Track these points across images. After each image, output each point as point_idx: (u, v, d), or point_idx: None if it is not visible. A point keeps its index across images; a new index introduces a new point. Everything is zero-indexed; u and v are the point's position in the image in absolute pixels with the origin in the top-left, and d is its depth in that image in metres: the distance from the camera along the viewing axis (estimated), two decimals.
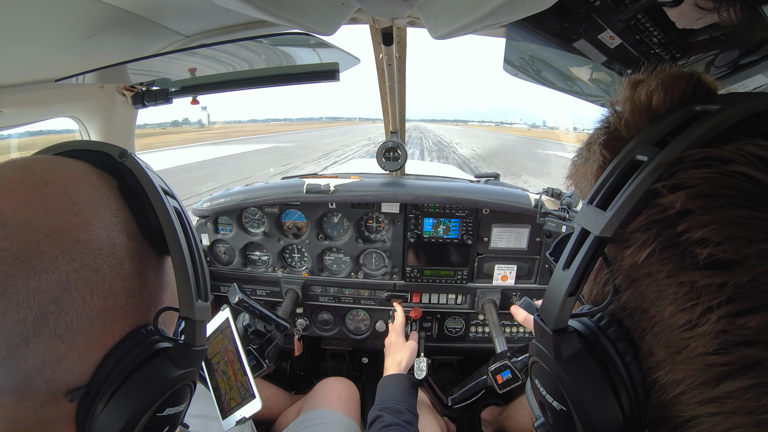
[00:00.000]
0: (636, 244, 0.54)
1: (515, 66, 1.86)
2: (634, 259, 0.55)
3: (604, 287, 0.66)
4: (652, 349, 0.56)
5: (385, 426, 1.74)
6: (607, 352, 0.59)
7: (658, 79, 0.61)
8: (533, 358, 0.69)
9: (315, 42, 1.33)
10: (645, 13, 1.29)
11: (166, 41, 1.47)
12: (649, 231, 0.53)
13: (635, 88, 0.63)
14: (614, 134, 0.64)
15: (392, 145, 2.54)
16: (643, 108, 0.61)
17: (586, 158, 0.69)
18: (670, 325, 0.52)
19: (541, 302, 0.65)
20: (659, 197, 0.52)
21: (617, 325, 0.61)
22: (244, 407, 1.88)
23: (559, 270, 0.62)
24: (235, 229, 2.81)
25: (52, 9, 1.00)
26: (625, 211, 0.54)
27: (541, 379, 0.67)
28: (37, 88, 1.34)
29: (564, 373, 0.60)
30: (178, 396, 0.73)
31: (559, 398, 0.62)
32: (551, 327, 0.61)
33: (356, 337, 3.03)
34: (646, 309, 0.56)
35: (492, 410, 2.94)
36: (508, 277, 2.78)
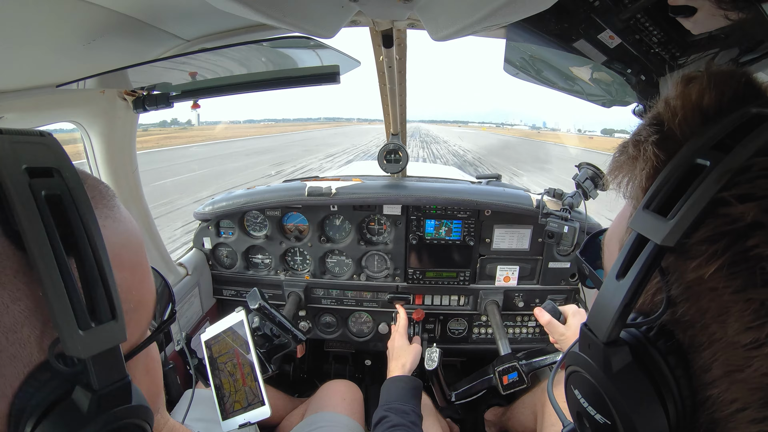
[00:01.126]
0: (702, 256, 0.51)
1: (516, 66, 1.87)
2: (699, 273, 0.51)
3: (653, 296, 0.61)
4: (709, 365, 0.53)
5: (390, 426, 1.74)
6: (658, 365, 0.56)
7: (709, 77, 0.57)
8: (573, 367, 0.67)
9: (315, 44, 1.33)
10: (644, 12, 1.29)
11: (166, 46, 1.47)
12: (716, 243, 0.50)
13: (688, 84, 0.59)
14: (668, 133, 0.60)
15: (393, 147, 2.54)
16: (695, 107, 0.58)
17: (633, 157, 0.64)
18: (734, 342, 0.50)
19: (590, 311, 0.62)
20: (726, 207, 0.49)
21: (668, 337, 0.58)
22: (250, 412, 1.87)
23: (612, 279, 0.59)
24: (237, 233, 2.81)
25: (52, 14, 1.00)
26: (689, 220, 0.51)
27: (583, 391, 0.65)
28: (38, 93, 1.35)
29: (613, 387, 0.58)
30: None
31: (604, 412, 0.60)
32: (603, 339, 0.58)
33: (359, 339, 3.03)
34: (706, 324, 0.53)
35: (495, 411, 2.94)
36: (511, 278, 2.78)
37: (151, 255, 2.26)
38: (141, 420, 0.65)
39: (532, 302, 2.83)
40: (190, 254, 2.82)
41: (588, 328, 0.62)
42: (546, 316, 2.04)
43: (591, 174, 2.35)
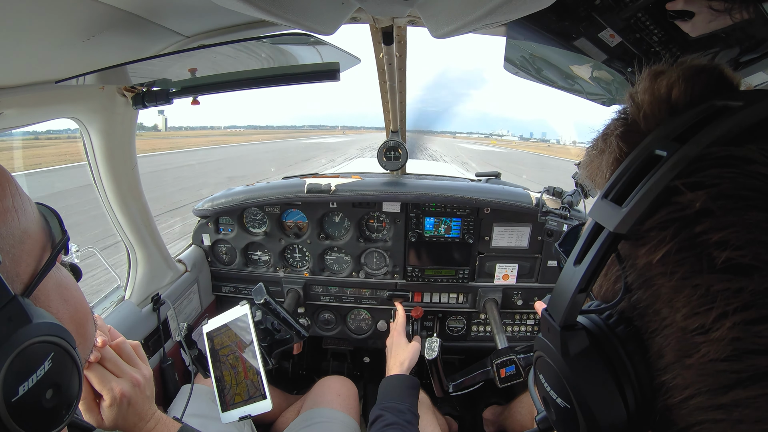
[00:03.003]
0: (652, 242, 0.52)
1: (516, 65, 1.86)
2: (649, 258, 0.53)
3: (614, 284, 0.63)
4: (662, 351, 0.55)
5: (386, 425, 1.74)
6: (616, 351, 0.57)
7: (679, 71, 0.58)
8: (538, 352, 0.68)
9: (315, 41, 1.33)
10: (645, 11, 1.29)
11: (166, 42, 1.47)
12: (666, 230, 0.51)
13: (656, 79, 0.60)
14: (632, 126, 0.61)
15: (393, 145, 2.54)
16: (662, 100, 0.58)
17: (601, 149, 0.66)
18: (682, 328, 0.51)
19: (550, 297, 0.64)
20: (678, 195, 0.50)
21: (626, 323, 0.59)
22: (250, 405, 1.89)
23: (570, 265, 0.60)
24: (237, 229, 2.81)
25: (52, 10, 0.99)
26: (641, 208, 0.52)
27: (546, 375, 0.66)
28: (38, 89, 1.34)
29: (570, 371, 0.59)
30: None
31: (564, 396, 0.61)
32: (559, 323, 0.60)
33: (358, 336, 3.03)
34: (658, 309, 0.54)
35: (494, 409, 2.94)
36: (510, 276, 2.78)
37: (150, 251, 2.26)
38: (52, 336, 0.68)
39: (531, 300, 2.84)
40: (189, 251, 2.82)
41: (548, 312, 0.64)
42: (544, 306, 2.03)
43: None
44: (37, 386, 0.65)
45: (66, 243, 0.81)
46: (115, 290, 2.20)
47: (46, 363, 0.67)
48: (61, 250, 0.79)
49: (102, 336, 1.17)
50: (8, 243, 0.66)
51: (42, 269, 0.72)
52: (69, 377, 0.72)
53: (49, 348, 0.67)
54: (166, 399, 2.22)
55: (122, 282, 2.25)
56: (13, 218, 0.68)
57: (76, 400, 0.74)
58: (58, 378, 0.69)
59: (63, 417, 0.71)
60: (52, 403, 0.68)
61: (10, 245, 0.67)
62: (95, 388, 1.16)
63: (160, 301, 2.30)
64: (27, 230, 0.71)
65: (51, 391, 0.68)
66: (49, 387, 0.67)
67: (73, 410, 0.73)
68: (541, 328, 0.66)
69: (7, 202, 0.68)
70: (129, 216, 2.09)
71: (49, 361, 0.67)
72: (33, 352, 0.65)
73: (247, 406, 1.91)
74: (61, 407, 0.70)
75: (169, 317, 2.38)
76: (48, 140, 42.30)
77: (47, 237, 0.77)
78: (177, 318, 2.42)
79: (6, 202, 0.68)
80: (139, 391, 1.23)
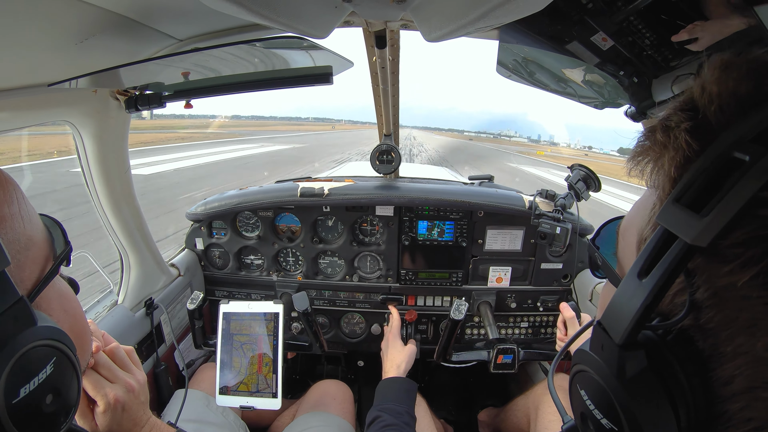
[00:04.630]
0: (737, 261, 0.46)
1: (508, 68, 1.87)
2: (732, 279, 0.47)
3: (675, 297, 0.56)
4: (730, 379, 0.49)
5: (384, 426, 1.74)
6: (674, 372, 0.52)
7: (749, 64, 0.52)
8: (581, 366, 0.64)
9: (308, 45, 1.33)
10: (637, 15, 1.30)
11: (159, 45, 1.46)
12: (754, 248, 0.45)
13: (725, 70, 0.53)
14: (702, 121, 0.54)
15: (386, 148, 2.54)
16: (731, 95, 0.52)
17: (662, 143, 0.58)
18: (762, 358, 0.46)
19: (606, 309, 0.58)
20: (766, 208, 0.45)
21: (687, 343, 0.54)
22: (257, 399, 1.96)
23: (633, 277, 0.55)
24: (230, 233, 2.80)
25: (44, 13, 0.99)
26: (725, 219, 0.46)
27: (591, 392, 0.61)
28: (30, 92, 1.33)
29: (624, 393, 0.54)
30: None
31: (612, 417, 0.57)
32: (618, 341, 0.55)
33: (352, 340, 3.03)
34: (732, 335, 0.49)
35: (489, 411, 2.95)
36: (503, 278, 2.79)
37: (143, 255, 2.25)
38: (55, 341, 0.68)
39: (524, 303, 2.85)
40: (182, 255, 2.81)
41: (602, 327, 0.59)
42: (571, 311, 2.09)
43: (583, 175, 2.37)
44: (38, 390, 0.65)
45: (69, 253, 0.81)
46: (108, 295, 2.19)
47: (48, 367, 0.67)
48: (64, 260, 0.79)
49: (96, 341, 1.17)
50: (14, 248, 0.67)
51: (46, 276, 0.73)
52: (69, 384, 0.72)
53: (52, 352, 0.68)
54: (160, 404, 2.21)
55: (115, 286, 2.24)
56: (19, 224, 0.69)
57: (74, 409, 0.74)
58: (58, 383, 0.69)
59: (60, 424, 0.70)
60: (51, 409, 0.68)
61: (15, 251, 0.67)
62: (89, 394, 1.15)
63: (153, 306, 2.29)
64: (32, 238, 0.72)
65: (51, 396, 0.68)
66: (49, 392, 0.67)
67: (70, 418, 0.73)
68: (592, 343, 0.62)
69: (14, 208, 0.69)
70: (122, 220, 2.08)
71: (52, 365, 0.67)
72: (36, 355, 0.65)
73: (253, 399, 1.93)
74: (60, 414, 0.70)
75: (162, 322, 2.37)
76: None
77: (50, 247, 0.77)
78: (170, 322, 2.41)
79: (12, 208, 0.69)
80: (133, 397, 1.22)
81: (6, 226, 0.67)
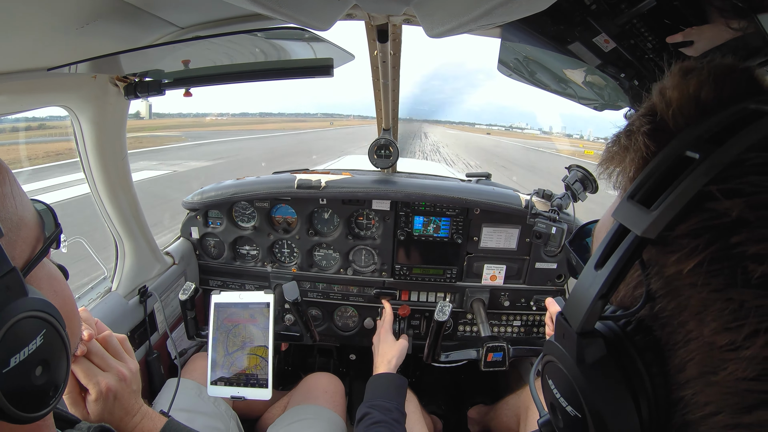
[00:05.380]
0: (683, 250, 0.49)
1: (509, 67, 1.87)
2: (679, 267, 0.50)
3: (634, 290, 0.60)
4: (684, 365, 0.52)
5: (373, 423, 1.75)
6: (633, 361, 0.55)
7: (710, 69, 0.55)
8: (548, 357, 0.66)
9: (310, 36, 1.33)
10: (640, 18, 1.30)
11: (160, 32, 1.46)
12: (698, 238, 0.48)
13: (685, 76, 0.57)
14: (660, 124, 0.57)
15: (384, 143, 2.54)
16: (691, 99, 0.55)
17: (625, 147, 0.62)
18: (710, 343, 0.48)
19: (567, 300, 0.61)
20: (712, 201, 0.47)
21: (645, 332, 0.56)
22: (247, 389, 1.97)
23: (590, 268, 0.57)
24: (225, 223, 2.80)
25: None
26: (673, 212, 0.49)
27: (556, 381, 0.64)
28: (29, 76, 1.32)
29: (584, 380, 0.56)
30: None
31: (575, 404, 0.59)
32: (577, 329, 0.57)
33: (344, 333, 3.03)
34: (683, 321, 0.52)
35: (479, 409, 2.96)
36: (497, 276, 2.80)
37: (139, 243, 2.25)
38: (46, 314, 0.69)
39: (517, 302, 2.86)
40: (177, 243, 2.81)
41: (563, 317, 0.61)
42: (557, 306, 2.08)
43: (580, 176, 2.37)
44: (28, 360, 0.65)
45: (59, 235, 0.82)
46: (102, 281, 2.19)
47: (39, 338, 0.67)
48: (54, 240, 0.80)
49: (88, 329, 1.17)
50: (6, 226, 0.68)
51: (38, 254, 0.74)
52: (58, 358, 0.72)
53: (42, 324, 0.68)
54: (151, 392, 2.21)
55: (109, 273, 2.23)
56: (10, 204, 0.70)
57: (63, 384, 0.74)
58: (48, 356, 0.69)
59: (50, 399, 0.71)
60: (41, 381, 0.68)
61: (7, 228, 0.68)
62: (81, 382, 1.15)
63: (147, 294, 2.29)
64: (23, 218, 0.73)
65: (41, 368, 0.68)
66: (39, 364, 0.68)
67: (59, 394, 0.73)
68: (555, 333, 0.64)
69: (6, 188, 0.70)
70: (118, 207, 2.07)
71: (41, 337, 0.68)
72: (27, 326, 0.66)
73: (244, 389, 1.94)
74: (49, 388, 0.70)
75: (156, 310, 2.37)
76: None
77: (41, 229, 0.78)
78: (164, 311, 2.41)
79: (5, 189, 0.70)
80: (125, 385, 1.22)
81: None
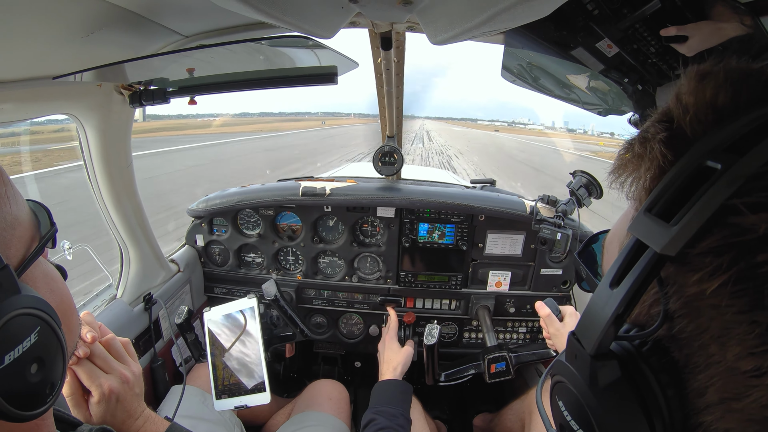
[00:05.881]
0: (705, 269, 0.46)
1: (513, 73, 1.87)
2: (701, 287, 0.47)
3: (650, 308, 0.56)
4: (704, 390, 0.49)
5: (378, 429, 1.75)
6: (648, 384, 0.52)
7: (726, 74, 0.51)
8: (558, 377, 0.63)
9: (314, 44, 1.33)
10: (643, 22, 1.30)
11: (165, 41, 1.47)
12: (722, 256, 0.45)
13: (702, 80, 0.53)
14: (677, 131, 0.54)
15: (389, 150, 2.54)
16: (708, 105, 0.51)
17: (639, 155, 0.58)
18: (733, 368, 0.45)
19: (580, 319, 0.58)
20: (736, 216, 0.44)
21: (662, 354, 0.53)
22: (247, 397, 1.95)
23: (605, 287, 0.54)
24: (230, 231, 2.80)
25: (51, 6, 0.99)
26: (694, 228, 0.46)
27: (567, 402, 0.61)
28: (35, 84, 1.34)
29: (597, 404, 0.54)
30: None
31: (587, 428, 0.56)
32: (590, 351, 0.54)
33: (349, 340, 3.03)
34: (704, 344, 0.48)
35: (484, 417, 2.94)
36: (503, 283, 2.79)
37: (144, 250, 2.26)
38: (39, 311, 0.68)
39: (523, 308, 2.84)
40: (182, 251, 2.81)
41: (576, 337, 0.58)
42: (546, 309, 2.07)
43: (585, 182, 2.37)
44: (23, 357, 0.65)
45: (54, 234, 0.82)
46: (107, 289, 2.19)
47: (33, 336, 0.67)
48: (50, 239, 0.80)
49: (91, 332, 1.17)
50: (0, 225, 0.67)
51: (32, 253, 0.73)
52: (54, 356, 0.72)
53: (36, 321, 0.68)
54: (156, 399, 2.21)
55: (114, 280, 2.24)
56: (5, 204, 0.70)
57: (60, 383, 0.74)
58: (43, 353, 0.69)
59: (46, 398, 0.70)
60: (36, 379, 0.68)
61: (1, 228, 0.68)
62: (84, 383, 1.16)
63: (152, 301, 2.29)
64: (18, 218, 0.72)
65: (35, 365, 0.68)
66: (33, 361, 0.67)
67: (56, 393, 0.73)
68: (567, 353, 0.61)
69: (0, 189, 0.70)
70: (123, 214, 2.08)
71: (36, 334, 0.67)
72: (21, 323, 0.65)
73: (245, 397, 1.94)
74: (45, 386, 0.70)
75: (161, 317, 2.37)
76: None
77: (36, 229, 0.78)
78: (169, 318, 2.41)
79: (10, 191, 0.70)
80: (127, 388, 1.22)
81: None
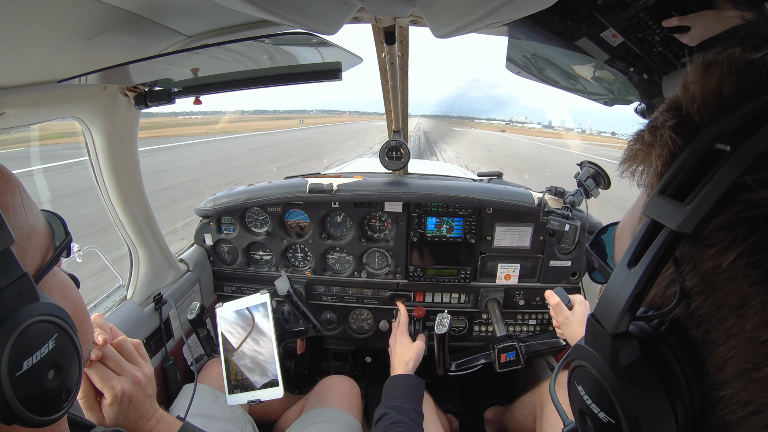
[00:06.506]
0: (720, 244, 0.47)
1: (518, 64, 1.86)
2: (717, 261, 0.48)
3: (666, 288, 0.58)
4: (724, 364, 0.50)
5: (391, 423, 1.75)
6: (668, 362, 0.53)
7: (730, 63, 0.53)
8: (578, 361, 0.63)
9: (317, 41, 1.33)
10: (647, 11, 1.29)
11: (168, 42, 1.47)
12: (736, 230, 0.46)
13: (707, 70, 0.55)
14: (686, 119, 0.56)
15: (395, 144, 2.53)
16: (714, 93, 0.53)
17: (649, 143, 0.60)
18: (752, 338, 0.46)
19: (598, 301, 0.59)
20: (747, 192, 0.46)
21: (680, 332, 0.54)
22: (260, 391, 1.97)
23: (623, 267, 0.55)
24: (239, 229, 2.81)
25: (54, 10, 1.00)
26: (708, 205, 0.48)
27: (587, 387, 0.61)
28: (40, 89, 1.34)
29: (619, 384, 0.54)
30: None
31: (609, 410, 0.56)
32: (611, 330, 0.55)
33: (359, 336, 3.04)
34: (722, 318, 0.49)
35: (495, 410, 2.94)
36: (512, 275, 2.78)
37: (152, 251, 2.27)
38: (57, 318, 0.70)
39: (532, 300, 2.84)
40: (191, 250, 2.83)
41: (595, 318, 0.59)
42: (555, 298, 2.07)
43: (593, 172, 2.35)
44: (41, 364, 0.66)
45: (69, 243, 0.83)
46: (117, 290, 2.21)
47: (50, 342, 0.68)
48: (65, 248, 0.81)
49: (103, 334, 1.18)
50: (17, 235, 0.68)
51: (48, 262, 0.75)
52: (70, 362, 0.73)
53: (53, 328, 0.69)
54: (168, 398, 2.23)
55: (124, 281, 2.25)
56: (21, 214, 0.71)
57: (75, 388, 0.75)
58: (60, 360, 0.70)
59: (63, 403, 0.71)
60: (53, 385, 0.69)
61: (18, 237, 0.68)
62: (96, 386, 1.16)
63: (162, 301, 2.31)
64: (34, 227, 0.74)
65: (53, 371, 0.69)
66: (51, 367, 0.68)
67: (72, 398, 0.74)
68: (586, 336, 0.61)
69: (17, 199, 0.71)
70: (131, 215, 2.10)
71: (53, 341, 0.69)
72: (39, 330, 0.66)
73: (258, 392, 1.95)
74: (61, 391, 0.71)
75: (171, 317, 2.38)
76: None
77: (51, 238, 0.79)
78: (179, 317, 2.43)
79: (15, 199, 0.71)
80: (140, 389, 1.23)
81: (9, 214, 0.69)
